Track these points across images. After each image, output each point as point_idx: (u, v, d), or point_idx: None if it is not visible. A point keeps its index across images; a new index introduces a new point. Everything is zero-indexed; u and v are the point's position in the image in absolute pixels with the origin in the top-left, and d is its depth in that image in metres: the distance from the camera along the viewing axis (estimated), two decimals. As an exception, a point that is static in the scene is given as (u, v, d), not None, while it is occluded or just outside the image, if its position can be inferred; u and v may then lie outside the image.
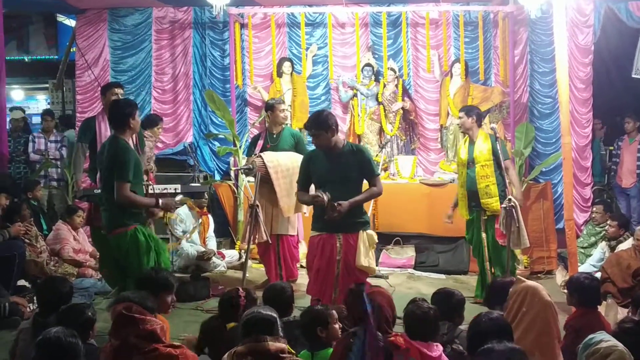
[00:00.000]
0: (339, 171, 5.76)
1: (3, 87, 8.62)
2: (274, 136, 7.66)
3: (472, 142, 7.15)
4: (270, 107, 7.75)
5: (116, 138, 5.62)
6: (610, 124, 11.11)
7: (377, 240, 6.00)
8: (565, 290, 5.29)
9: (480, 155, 6.99)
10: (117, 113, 5.72)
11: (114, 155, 5.50)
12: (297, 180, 6.18)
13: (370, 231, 5.91)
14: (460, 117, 7.27)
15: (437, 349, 3.98)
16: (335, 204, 5.56)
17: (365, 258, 5.75)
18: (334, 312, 4.26)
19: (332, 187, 5.67)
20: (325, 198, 5.58)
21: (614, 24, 9.59)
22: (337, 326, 4.19)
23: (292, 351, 3.73)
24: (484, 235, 7.08)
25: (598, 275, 6.96)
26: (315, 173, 5.91)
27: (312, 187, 6.04)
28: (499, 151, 6.96)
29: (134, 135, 7.38)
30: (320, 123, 5.74)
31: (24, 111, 11.93)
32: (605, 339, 3.62)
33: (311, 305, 4.71)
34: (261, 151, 7.54)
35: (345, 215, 5.61)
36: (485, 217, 7.04)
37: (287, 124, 8.12)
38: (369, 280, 6.01)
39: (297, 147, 7.58)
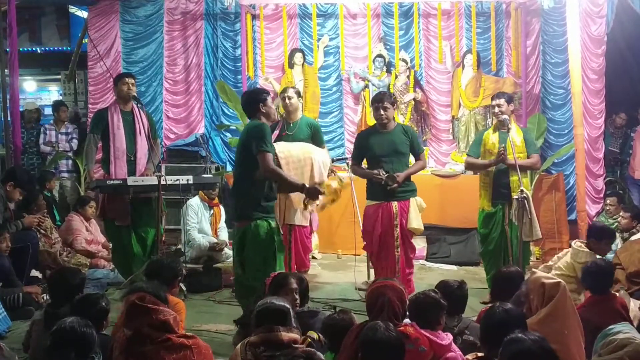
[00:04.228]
0: (393, 147, 6.69)
1: (16, 79, 8.65)
2: (290, 125, 7.67)
3: (502, 131, 6.94)
4: (280, 94, 8.01)
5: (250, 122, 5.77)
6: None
7: (425, 206, 6.84)
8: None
9: (515, 146, 6.75)
10: (246, 103, 5.81)
11: (249, 131, 5.61)
12: (352, 156, 7.11)
13: (418, 198, 6.79)
14: (499, 105, 6.91)
15: (447, 338, 4.00)
16: (395, 175, 6.51)
17: (416, 221, 6.69)
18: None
19: (386, 161, 6.60)
20: (383, 174, 6.54)
21: (627, 13, 9.52)
22: None
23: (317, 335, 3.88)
24: (506, 228, 6.89)
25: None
26: (370, 148, 6.71)
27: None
28: (530, 143, 6.97)
29: (144, 120, 7.43)
30: (392, 99, 6.86)
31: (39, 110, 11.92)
32: (624, 330, 3.61)
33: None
34: (278, 139, 7.55)
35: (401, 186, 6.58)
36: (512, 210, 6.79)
37: (302, 114, 8.13)
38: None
39: (314, 137, 7.53)
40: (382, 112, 6.63)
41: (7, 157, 9.24)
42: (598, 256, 6.13)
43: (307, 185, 5.72)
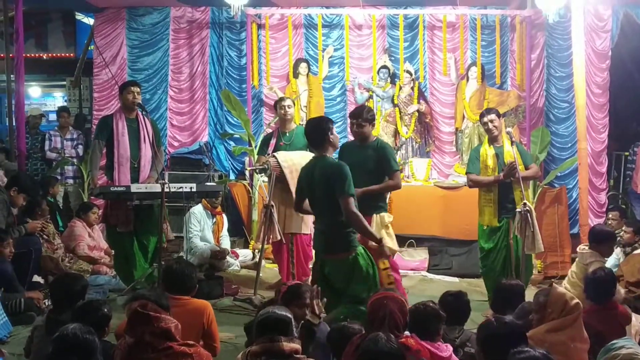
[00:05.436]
0: (362, 163, 6.25)
1: (22, 84, 8.68)
2: (287, 134, 7.68)
3: (497, 145, 6.95)
4: (275, 104, 8.02)
5: (323, 157, 5.45)
6: (627, 130, 11.05)
7: (387, 222, 6.35)
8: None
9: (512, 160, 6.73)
10: (312, 132, 5.54)
11: (329, 173, 5.31)
12: None
13: (383, 214, 6.34)
14: (491, 120, 6.86)
15: (447, 349, 4.01)
16: None
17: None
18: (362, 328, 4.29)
19: (354, 176, 5.93)
20: None
21: (632, 28, 9.55)
22: None
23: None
24: (511, 242, 6.84)
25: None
26: (346, 161, 6.15)
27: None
28: (525, 154, 6.99)
29: (148, 128, 7.46)
30: (367, 116, 6.35)
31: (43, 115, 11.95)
32: (627, 346, 3.62)
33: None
34: (275, 150, 7.56)
35: (360, 201, 5.79)
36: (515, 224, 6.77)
37: (301, 123, 8.15)
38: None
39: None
40: (355, 128, 6.33)
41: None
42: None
43: (384, 242, 5.45)
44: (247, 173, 9.79)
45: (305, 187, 5.61)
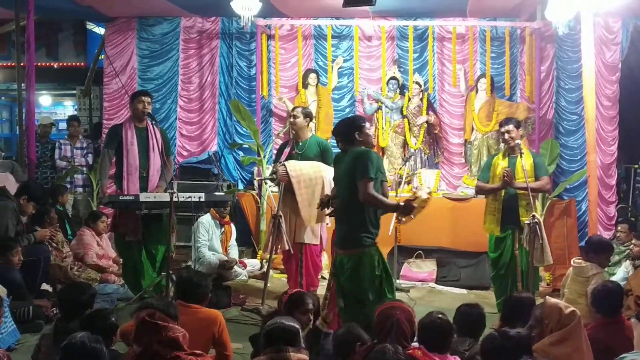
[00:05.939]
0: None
1: (32, 93, 8.71)
2: (300, 143, 7.68)
3: (512, 156, 6.98)
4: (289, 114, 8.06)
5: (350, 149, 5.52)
6: (637, 142, 11.00)
7: None
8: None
9: (522, 171, 6.75)
10: (342, 131, 5.60)
11: (354, 157, 5.35)
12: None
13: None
14: (508, 131, 6.93)
15: (456, 362, 3.99)
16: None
17: None
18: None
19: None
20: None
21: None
22: None
23: None
24: (517, 253, 6.88)
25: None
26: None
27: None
28: (539, 166, 6.96)
29: (158, 137, 7.48)
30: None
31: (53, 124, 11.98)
32: (636, 360, 3.61)
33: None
34: (288, 158, 7.54)
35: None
36: (522, 235, 6.77)
37: (312, 133, 8.15)
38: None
39: (323, 156, 7.51)
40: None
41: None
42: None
43: (402, 204, 5.33)
44: (255, 183, 9.80)
45: (335, 181, 5.70)
